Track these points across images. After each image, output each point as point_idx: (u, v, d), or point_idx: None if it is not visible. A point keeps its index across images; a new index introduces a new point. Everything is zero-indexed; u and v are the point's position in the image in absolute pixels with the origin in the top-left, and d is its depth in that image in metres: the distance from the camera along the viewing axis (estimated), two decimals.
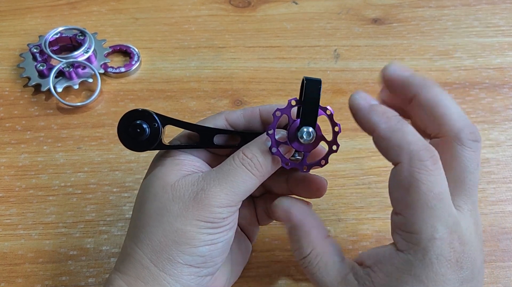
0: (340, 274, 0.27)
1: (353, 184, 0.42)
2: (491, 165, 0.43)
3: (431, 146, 0.25)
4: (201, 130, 0.30)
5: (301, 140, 0.28)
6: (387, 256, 0.26)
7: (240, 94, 0.48)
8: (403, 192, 0.25)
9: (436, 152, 0.25)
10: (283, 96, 0.48)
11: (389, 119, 0.26)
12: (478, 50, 0.52)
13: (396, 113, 0.27)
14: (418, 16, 0.55)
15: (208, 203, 0.27)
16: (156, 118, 0.29)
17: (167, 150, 0.30)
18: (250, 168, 0.28)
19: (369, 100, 0.28)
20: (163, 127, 0.30)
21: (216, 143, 0.30)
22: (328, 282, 0.27)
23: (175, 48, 0.52)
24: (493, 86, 0.49)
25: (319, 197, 0.32)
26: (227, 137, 0.31)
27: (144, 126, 0.29)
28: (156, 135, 0.29)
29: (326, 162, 0.29)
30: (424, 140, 0.26)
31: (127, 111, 0.29)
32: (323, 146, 0.30)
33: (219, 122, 0.31)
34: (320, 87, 0.27)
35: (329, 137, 0.29)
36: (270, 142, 0.28)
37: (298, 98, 0.29)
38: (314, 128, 0.28)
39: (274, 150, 0.28)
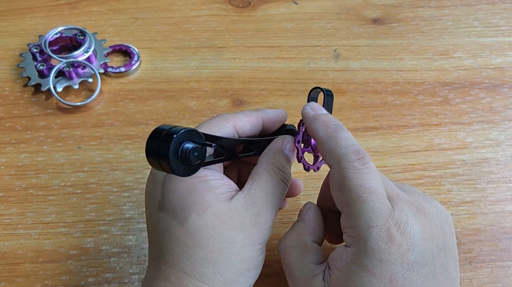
0: (310, 273, 0.28)
1: None
2: (491, 165, 0.43)
3: (362, 150, 0.27)
4: (232, 142, 0.30)
5: None
6: (338, 254, 0.27)
7: (240, 94, 0.48)
8: (338, 192, 0.27)
9: (366, 154, 0.27)
10: (283, 96, 0.48)
11: (327, 127, 0.28)
12: (478, 50, 0.52)
13: (338, 123, 0.29)
14: (418, 16, 0.55)
15: (265, 226, 0.29)
16: (203, 136, 0.25)
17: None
18: (286, 181, 0.30)
19: (317, 110, 0.30)
20: None
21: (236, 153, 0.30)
22: (297, 276, 0.29)
23: (175, 48, 0.52)
24: (493, 86, 0.49)
25: (295, 196, 0.35)
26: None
27: (199, 148, 0.25)
28: (204, 155, 0.25)
29: None
30: (357, 145, 0.28)
31: (171, 131, 0.24)
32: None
33: (228, 130, 0.31)
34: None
35: None
36: (296, 151, 0.31)
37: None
38: None
39: (301, 158, 0.31)
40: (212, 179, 0.28)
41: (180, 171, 0.24)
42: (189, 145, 0.24)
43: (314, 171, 0.33)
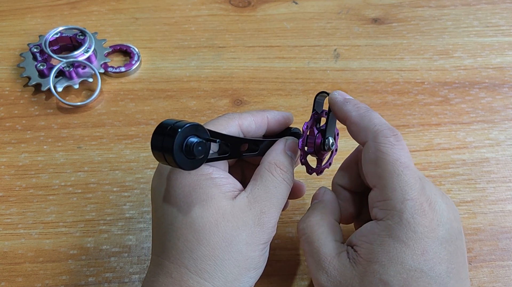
0: (336, 251, 0.29)
1: None
2: (491, 165, 0.43)
3: (394, 128, 0.29)
4: (236, 141, 0.30)
5: (326, 148, 0.32)
6: (368, 229, 0.28)
7: (240, 93, 0.48)
8: (373, 166, 0.28)
9: (399, 133, 0.28)
10: (283, 95, 0.48)
11: (359, 108, 0.30)
12: (478, 49, 0.52)
13: (366, 105, 0.30)
14: (418, 16, 0.55)
15: (268, 225, 0.29)
16: (208, 132, 0.26)
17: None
18: (288, 181, 0.30)
19: (345, 96, 0.31)
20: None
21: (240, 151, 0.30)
22: (323, 253, 0.29)
23: (175, 47, 0.52)
24: (493, 85, 0.49)
25: (299, 198, 0.35)
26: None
27: (203, 142, 0.25)
28: (208, 150, 0.26)
29: (331, 163, 0.34)
30: (388, 123, 0.29)
31: (176, 125, 0.24)
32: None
33: (233, 129, 0.31)
34: None
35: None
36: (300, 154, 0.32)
37: (315, 111, 0.32)
38: (333, 137, 0.32)
39: (304, 161, 0.32)
40: (217, 177, 0.29)
41: (184, 164, 0.25)
42: (193, 139, 0.24)
43: (317, 174, 0.34)
